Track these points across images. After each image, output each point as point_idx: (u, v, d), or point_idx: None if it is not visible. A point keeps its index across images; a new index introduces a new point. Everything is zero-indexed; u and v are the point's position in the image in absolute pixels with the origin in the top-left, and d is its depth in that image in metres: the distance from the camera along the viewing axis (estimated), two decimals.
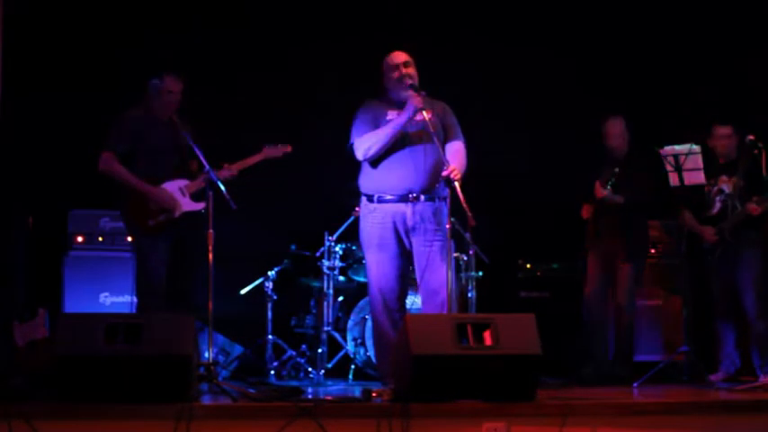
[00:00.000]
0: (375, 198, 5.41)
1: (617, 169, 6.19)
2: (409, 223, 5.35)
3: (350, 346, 6.63)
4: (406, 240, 5.39)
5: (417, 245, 5.37)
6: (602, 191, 6.26)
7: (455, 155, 5.38)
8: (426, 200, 5.36)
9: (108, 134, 5.65)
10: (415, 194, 5.34)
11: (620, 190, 6.26)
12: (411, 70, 5.46)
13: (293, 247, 6.96)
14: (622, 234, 6.36)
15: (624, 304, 6.38)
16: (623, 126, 6.50)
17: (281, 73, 7.31)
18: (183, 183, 5.67)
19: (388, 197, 5.38)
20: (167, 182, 5.64)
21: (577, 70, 7.53)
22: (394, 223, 5.36)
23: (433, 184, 5.33)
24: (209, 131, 5.67)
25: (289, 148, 6.09)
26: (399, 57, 5.50)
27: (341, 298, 6.97)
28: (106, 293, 6.73)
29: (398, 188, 5.36)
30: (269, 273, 6.81)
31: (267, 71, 7.30)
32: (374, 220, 5.41)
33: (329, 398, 4.69)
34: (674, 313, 6.90)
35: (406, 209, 5.35)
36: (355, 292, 6.94)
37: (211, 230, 5.15)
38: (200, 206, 5.60)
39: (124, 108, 5.75)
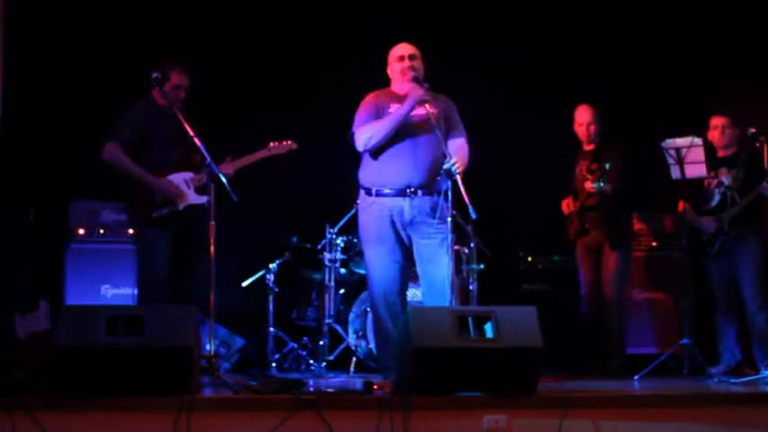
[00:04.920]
0: (373, 191, 5.40)
1: (608, 165, 6.21)
2: (407, 217, 5.34)
3: (351, 339, 6.63)
4: (403, 234, 5.38)
5: (416, 238, 5.36)
6: (592, 185, 6.29)
7: (458, 151, 5.36)
8: (424, 194, 5.34)
9: (114, 125, 5.63)
10: (413, 189, 5.33)
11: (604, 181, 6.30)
12: (416, 63, 5.44)
13: (294, 239, 6.95)
14: (607, 224, 6.41)
15: (611, 296, 6.40)
16: (592, 114, 6.50)
17: (284, 63, 7.30)
18: (187, 175, 5.66)
19: (387, 191, 5.36)
20: (172, 174, 5.63)
21: (579, 64, 7.53)
22: (391, 217, 5.35)
23: (433, 178, 5.32)
24: (213, 123, 5.65)
25: (294, 146, 6.08)
26: (405, 48, 5.48)
27: (342, 290, 6.97)
28: (107, 285, 6.73)
29: (397, 182, 5.34)
30: (270, 265, 6.80)
31: (270, 62, 7.29)
32: (372, 213, 5.40)
33: (330, 390, 4.70)
34: (675, 306, 6.91)
35: (404, 203, 5.33)
36: (356, 285, 6.94)
37: (213, 222, 5.15)
38: (203, 199, 5.59)
39: (128, 100, 5.74)
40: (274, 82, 7.30)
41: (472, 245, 6.78)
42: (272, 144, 5.99)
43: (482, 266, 6.85)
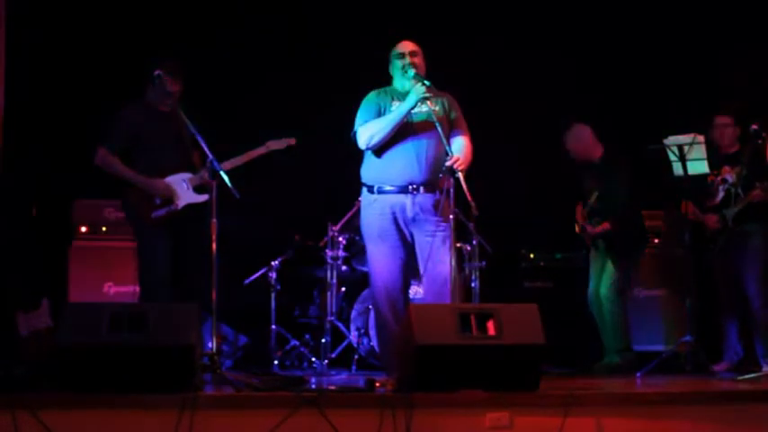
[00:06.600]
0: (375, 189, 5.39)
1: (592, 205, 6.34)
2: (409, 214, 5.33)
3: (353, 336, 6.64)
4: (406, 231, 5.37)
5: (419, 236, 5.35)
6: (591, 230, 6.45)
7: (460, 149, 5.35)
8: (426, 192, 5.33)
9: (104, 129, 5.63)
10: (415, 186, 5.32)
11: (601, 206, 6.38)
12: (417, 60, 5.43)
13: (297, 236, 6.95)
14: (615, 233, 6.42)
15: (606, 296, 6.41)
16: (587, 134, 6.52)
17: (285, 61, 7.30)
18: (186, 176, 5.67)
19: (389, 188, 5.35)
20: (171, 176, 5.63)
21: (580, 62, 7.54)
22: (393, 214, 5.34)
23: (435, 176, 5.30)
24: (213, 121, 5.65)
25: (293, 141, 6.08)
26: (406, 46, 5.47)
27: (344, 288, 6.97)
28: (110, 283, 6.74)
29: (399, 179, 5.33)
30: (272, 262, 6.81)
31: (270, 59, 7.29)
32: (374, 210, 5.39)
33: (333, 387, 4.69)
34: (678, 303, 6.91)
35: (406, 200, 5.32)
36: (358, 282, 6.94)
37: (215, 220, 5.15)
38: (202, 198, 5.60)
39: (124, 100, 5.73)
40: (276, 79, 7.29)
41: (474, 242, 6.78)
42: (270, 141, 6.00)
43: (484, 264, 6.85)
